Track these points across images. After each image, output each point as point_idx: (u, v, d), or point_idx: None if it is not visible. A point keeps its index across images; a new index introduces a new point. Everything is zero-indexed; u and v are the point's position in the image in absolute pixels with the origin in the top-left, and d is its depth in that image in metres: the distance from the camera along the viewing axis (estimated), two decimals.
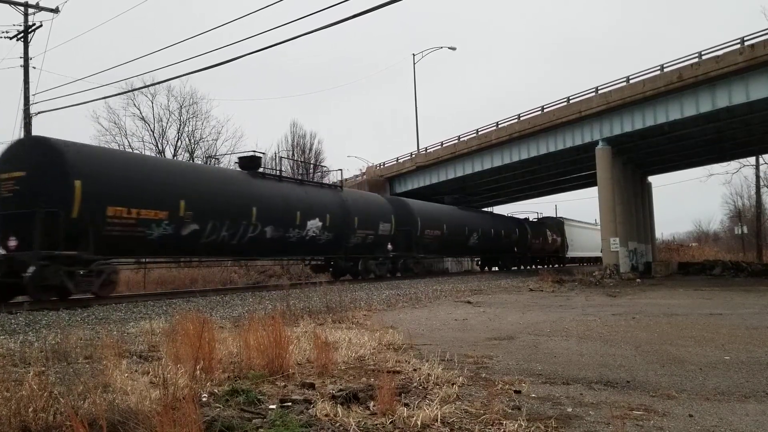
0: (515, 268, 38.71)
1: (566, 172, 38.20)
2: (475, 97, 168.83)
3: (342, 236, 20.84)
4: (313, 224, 19.21)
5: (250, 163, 18.73)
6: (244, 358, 5.57)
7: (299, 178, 25.05)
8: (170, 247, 14.90)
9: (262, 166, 19.46)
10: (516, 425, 3.68)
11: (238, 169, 18.88)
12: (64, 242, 12.06)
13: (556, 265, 44.61)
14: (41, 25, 26.90)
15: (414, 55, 44.23)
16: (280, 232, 17.88)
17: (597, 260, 54.49)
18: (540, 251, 42.57)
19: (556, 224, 46.15)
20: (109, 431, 3.33)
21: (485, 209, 44.34)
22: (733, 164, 43.87)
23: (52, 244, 11.90)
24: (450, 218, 29.72)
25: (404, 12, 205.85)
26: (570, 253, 48.29)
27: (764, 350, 6.68)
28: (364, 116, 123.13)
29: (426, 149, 38.42)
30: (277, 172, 20.52)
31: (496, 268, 37.94)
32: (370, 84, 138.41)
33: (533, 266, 42.64)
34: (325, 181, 39.20)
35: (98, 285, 13.05)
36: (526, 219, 42.83)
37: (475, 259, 40.17)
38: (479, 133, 34.19)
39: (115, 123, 37.74)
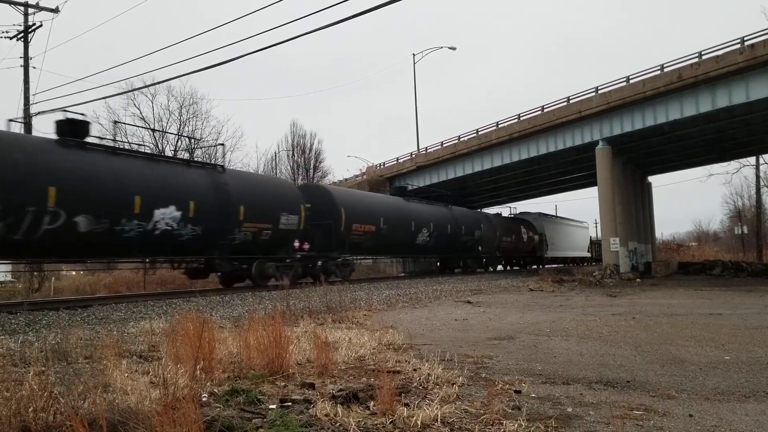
0: (481, 270, 33.84)
1: (566, 172, 38.19)
2: (475, 97, 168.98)
3: (219, 231, 15.78)
4: (166, 214, 14.25)
5: (70, 128, 13.57)
6: (244, 358, 5.57)
7: (150, 153, 19.45)
8: None
9: (89, 134, 14.11)
10: (516, 425, 3.68)
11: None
12: None
13: (534, 267, 40.34)
14: (41, 25, 26.92)
15: (414, 55, 44.28)
16: (105, 224, 12.99)
17: (583, 260, 51.68)
18: (513, 251, 37.41)
19: (533, 220, 41.39)
20: (109, 431, 3.33)
21: (484, 209, 42.97)
22: (733, 164, 43.90)
23: None
24: (389, 211, 24.34)
25: (404, 12, 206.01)
26: (550, 253, 43.09)
27: (764, 350, 6.68)
28: (364, 116, 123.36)
29: (426, 149, 38.43)
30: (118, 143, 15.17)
31: (459, 270, 32.54)
32: (370, 84, 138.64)
33: (507, 267, 39.11)
34: (326, 181, 38.90)
35: None
36: (497, 214, 38.47)
37: (429, 260, 34.00)
38: (479, 133, 34.19)
39: (115, 123, 37.69)
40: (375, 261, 32.61)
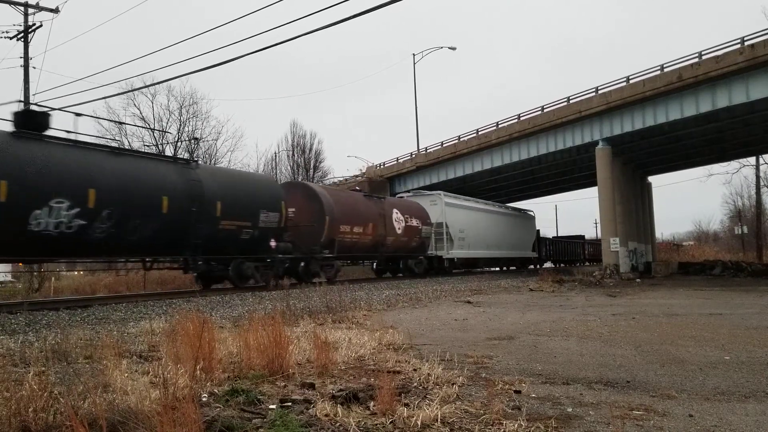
0: (311, 283, 18.47)
1: (566, 172, 38.23)
2: (475, 97, 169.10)
3: None
4: None
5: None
6: (244, 358, 5.56)
7: None
8: None
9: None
10: (516, 425, 3.68)
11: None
12: None
13: (433, 272, 26.94)
14: (41, 25, 26.91)
15: (414, 55, 44.23)
16: None
17: (527, 262, 40.93)
18: (371, 249, 22.74)
19: (430, 203, 27.71)
20: (109, 431, 3.33)
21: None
22: (733, 164, 43.93)
23: None
24: None
25: (405, 13, 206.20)
26: (460, 252, 29.66)
27: (764, 350, 6.68)
28: (364, 116, 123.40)
29: (426, 149, 38.44)
30: None
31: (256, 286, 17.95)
32: (371, 84, 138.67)
33: (388, 274, 26.43)
34: (326, 181, 38.92)
35: None
36: (352, 191, 25.18)
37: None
38: (479, 133, 34.22)
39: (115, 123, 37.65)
40: None
